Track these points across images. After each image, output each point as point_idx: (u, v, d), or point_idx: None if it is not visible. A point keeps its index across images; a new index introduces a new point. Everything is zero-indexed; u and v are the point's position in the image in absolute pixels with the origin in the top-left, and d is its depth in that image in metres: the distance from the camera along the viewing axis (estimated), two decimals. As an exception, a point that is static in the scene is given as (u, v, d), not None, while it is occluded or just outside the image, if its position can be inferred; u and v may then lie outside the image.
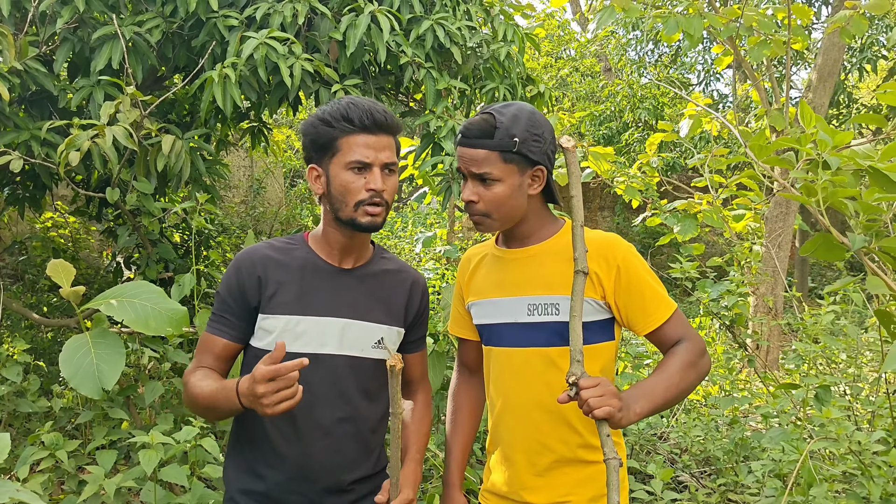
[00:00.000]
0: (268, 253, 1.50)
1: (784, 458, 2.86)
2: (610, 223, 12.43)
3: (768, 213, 6.00)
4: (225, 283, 1.50)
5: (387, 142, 1.45)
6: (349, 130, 1.41)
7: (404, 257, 8.19)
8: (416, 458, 1.56)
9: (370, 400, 1.53)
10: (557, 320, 1.47)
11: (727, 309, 3.14)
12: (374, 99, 1.69)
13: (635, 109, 11.56)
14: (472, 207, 1.47)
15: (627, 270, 1.46)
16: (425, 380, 1.73)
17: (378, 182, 1.42)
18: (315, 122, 1.45)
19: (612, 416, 1.23)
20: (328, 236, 1.52)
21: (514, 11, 3.98)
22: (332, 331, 1.47)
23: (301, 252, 1.52)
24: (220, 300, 1.51)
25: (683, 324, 1.49)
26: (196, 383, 1.44)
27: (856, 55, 10.23)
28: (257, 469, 1.47)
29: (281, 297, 1.46)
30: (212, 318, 1.52)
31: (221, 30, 3.05)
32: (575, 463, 1.50)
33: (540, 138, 1.44)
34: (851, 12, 3.34)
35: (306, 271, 1.50)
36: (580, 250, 1.28)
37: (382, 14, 3.08)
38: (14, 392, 2.92)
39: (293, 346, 1.44)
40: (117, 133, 2.64)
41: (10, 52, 2.72)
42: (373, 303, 1.53)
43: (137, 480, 2.36)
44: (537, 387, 1.49)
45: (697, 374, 1.44)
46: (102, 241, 5.89)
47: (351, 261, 1.54)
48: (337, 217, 1.47)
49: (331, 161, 1.44)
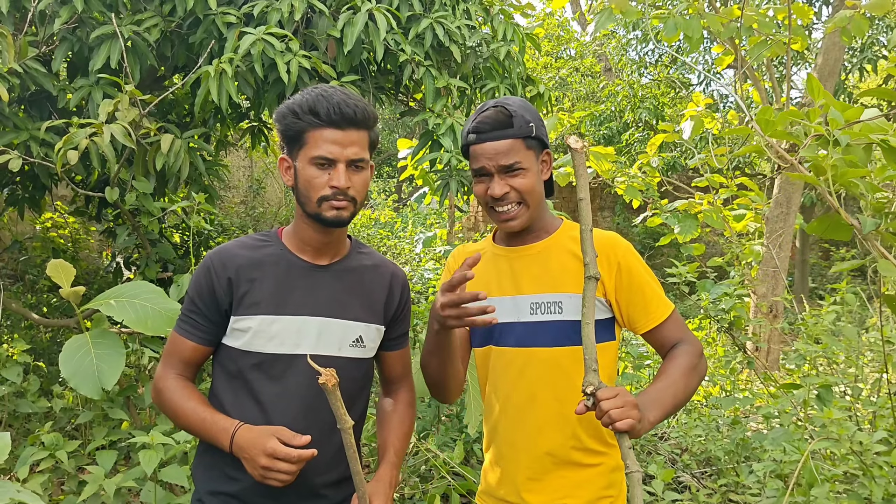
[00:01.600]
0: (238, 252, 1.44)
1: (785, 459, 2.85)
2: (610, 223, 12.42)
3: (769, 214, 5.99)
4: (194, 285, 1.44)
5: (356, 137, 1.38)
6: (315, 124, 1.36)
7: (404, 257, 8.18)
8: (392, 462, 1.49)
9: (347, 401, 1.47)
10: (561, 319, 1.45)
11: (725, 312, 3.13)
12: (373, 97, 1.66)
13: (636, 109, 11.55)
14: (506, 199, 1.44)
15: (628, 268, 1.45)
16: (408, 378, 1.65)
17: (342, 179, 1.36)
18: (285, 112, 1.39)
19: (633, 428, 1.20)
20: (301, 232, 1.47)
21: (514, 10, 3.98)
22: (309, 330, 1.42)
23: (275, 249, 1.47)
24: (189, 301, 1.45)
25: (681, 324, 1.48)
26: (175, 400, 1.41)
27: (856, 55, 10.23)
28: (227, 471, 1.42)
29: (254, 297, 1.41)
30: (181, 319, 1.46)
31: (220, 27, 3.04)
32: (572, 465, 1.48)
33: (542, 122, 1.47)
34: (852, 12, 3.33)
35: (280, 269, 1.44)
36: (590, 255, 1.25)
37: (380, 12, 3.07)
38: (14, 392, 2.92)
39: (267, 346, 1.40)
40: (115, 131, 2.63)
41: (10, 53, 2.72)
42: (351, 300, 1.48)
43: (137, 481, 2.36)
44: (539, 388, 1.47)
45: (699, 377, 1.43)
46: (102, 241, 5.89)
47: (327, 257, 1.48)
48: (304, 211, 1.42)
49: (298, 154, 1.39)
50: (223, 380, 1.46)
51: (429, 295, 6.11)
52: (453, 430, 3.41)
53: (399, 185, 15.18)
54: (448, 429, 3.41)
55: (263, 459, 1.27)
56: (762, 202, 4.53)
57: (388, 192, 14.62)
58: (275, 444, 1.27)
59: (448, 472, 2.95)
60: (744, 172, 10.29)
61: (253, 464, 1.29)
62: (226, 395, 1.44)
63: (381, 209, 11.09)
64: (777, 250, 5.41)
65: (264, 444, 1.28)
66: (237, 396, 1.42)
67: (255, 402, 1.41)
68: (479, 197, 1.49)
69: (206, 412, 1.38)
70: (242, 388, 1.42)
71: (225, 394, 1.44)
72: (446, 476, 2.92)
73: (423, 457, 3.10)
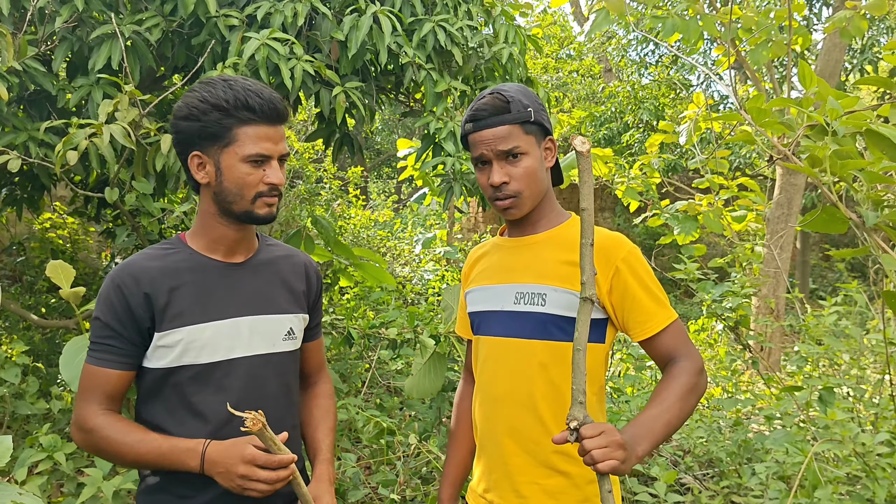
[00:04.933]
0: (148, 264, 1.34)
1: (788, 460, 2.84)
2: (611, 224, 12.41)
3: (769, 215, 5.99)
4: (105, 307, 1.31)
5: (282, 132, 1.35)
6: (249, 120, 1.30)
7: (404, 258, 8.17)
8: (327, 459, 1.45)
9: (290, 395, 1.45)
10: (543, 311, 1.40)
11: (731, 311, 3.12)
12: (376, 99, 1.65)
13: (636, 110, 11.54)
14: (504, 189, 1.41)
15: (627, 272, 1.39)
16: (324, 368, 1.61)
17: (278, 176, 1.33)
18: (203, 107, 1.30)
19: (616, 469, 1.14)
20: (213, 232, 1.38)
21: (514, 10, 3.97)
22: (239, 332, 1.36)
23: (183, 254, 1.38)
24: (100, 327, 1.32)
25: (681, 337, 1.41)
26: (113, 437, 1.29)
27: (856, 56, 10.24)
28: (179, 490, 1.33)
29: (176, 308, 1.32)
30: (93, 349, 1.32)
31: (222, 29, 3.03)
32: (547, 469, 1.41)
33: (544, 108, 1.45)
34: (851, 13, 3.32)
35: (197, 274, 1.36)
36: (588, 274, 1.16)
37: (384, 15, 3.06)
38: (13, 394, 2.90)
39: (201, 356, 1.32)
40: (115, 132, 2.62)
41: (9, 52, 2.71)
42: (275, 293, 1.43)
43: (136, 482, 2.34)
44: (516, 380, 1.43)
45: (697, 397, 1.36)
46: (101, 241, 5.88)
47: (241, 254, 1.42)
48: (228, 210, 1.35)
49: (223, 151, 1.31)
50: (155, 404, 1.35)
51: (428, 296, 6.11)
52: (454, 431, 3.39)
53: (399, 186, 15.17)
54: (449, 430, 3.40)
55: (241, 468, 1.20)
56: (763, 203, 4.52)
57: (387, 193, 14.62)
58: (253, 451, 1.21)
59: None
60: (744, 173, 10.28)
61: (228, 476, 1.22)
62: (162, 420, 1.33)
63: (381, 209, 11.08)
64: (778, 251, 5.40)
65: (241, 452, 1.21)
66: (175, 417, 1.33)
67: (198, 417, 1.32)
68: (481, 186, 1.47)
69: (159, 440, 1.28)
70: (180, 407, 1.33)
71: (160, 419, 1.34)
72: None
73: (424, 458, 3.09)
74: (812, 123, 1.61)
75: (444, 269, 6.80)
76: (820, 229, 1.69)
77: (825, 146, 1.54)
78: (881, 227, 1.57)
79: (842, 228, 1.66)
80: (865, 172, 1.52)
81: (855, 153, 1.55)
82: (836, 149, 1.53)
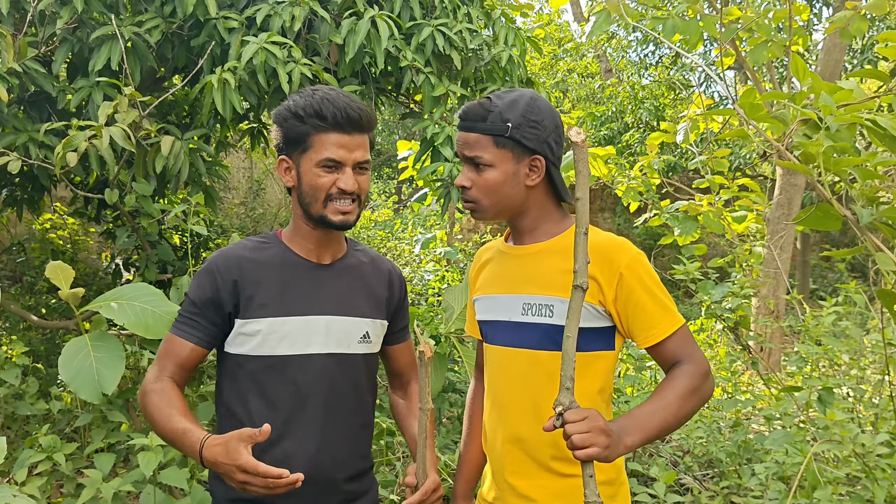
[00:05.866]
0: (242, 254, 1.45)
1: (787, 461, 2.84)
2: (611, 224, 12.41)
3: (770, 215, 5.99)
4: (196, 287, 1.43)
5: (360, 140, 1.41)
6: (321, 128, 1.37)
7: (404, 258, 8.17)
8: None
9: (360, 396, 1.51)
10: (551, 322, 1.40)
11: (731, 311, 3.11)
12: (375, 101, 1.67)
13: (636, 110, 11.54)
14: (464, 193, 1.43)
15: (631, 279, 1.37)
16: (415, 369, 1.68)
17: (350, 182, 1.39)
18: (287, 115, 1.40)
19: (597, 456, 1.14)
20: (302, 232, 1.48)
21: (513, 11, 3.97)
22: (317, 329, 1.43)
23: (277, 250, 1.48)
24: (189, 303, 1.44)
25: (688, 342, 1.39)
26: (156, 406, 1.37)
27: (857, 56, 10.24)
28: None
29: (260, 299, 1.41)
30: (179, 321, 1.44)
31: (221, 31, 3.04)
32: (554, 474, 1.43)
33: (538, 126, 1.38)
34: (852, 13, 3.32)
35: (284, 269, 1.45)
36: (581, 262, 1.14)
37: (382, 19, 3.06)
38: (12, 394, 2.90)
39: (279, 348, 1.41)
40: (115, 134, 2.62)
41: (9, 53, 2.71)
42: (355, 297, 1.50)
43: (136, 484, 2.35)
44: (523, 389, 1.44)
45: (700, 400, 1.35)
46: (101, 242, 5.88)
47: (328, 256, 1.50)
48: (308, 213, 1.43)
49: (302, 156, 1.40)
50: (231, 389, 1.44)
51: (428, 297, 6.10)
52: (455, 432, 3.41)
53: (399, 186, 15.17)
54: (450, 431, 3.41)
55: (240, 475, 1.21)
56: (763, 203, 4.52)
57: (388, 194, 14.62)
58: (247, 459, 1.20)
59: (450, 474, 2.94)
60: (745, 174, 10.28)
61: (229, 479, 1.24)
62: (237, 403, 1.43)
63: (381, 210, 11.08)
64: (778, 252, 5.40)
65: (236, 460, 1.21)
66: (249, 402, 1.42)
67: (269, 405, 1.41)
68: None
69: (181, 422, 1.32)
70: (254, 392, 1.42)
71: (236, 401, 1.43)
72: (448, 479, 2.91)
73: (423, 459, 3.09)
74: (805, 118, 1.59)
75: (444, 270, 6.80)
76: (815, 226, 1.68)
77: (818, 142, 1.52)
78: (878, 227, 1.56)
79: (836, 225, 1.64)
80: (860, 169, 1.50)
81: (850, 149, 1.54)
82: (830, 145, 1.51)
